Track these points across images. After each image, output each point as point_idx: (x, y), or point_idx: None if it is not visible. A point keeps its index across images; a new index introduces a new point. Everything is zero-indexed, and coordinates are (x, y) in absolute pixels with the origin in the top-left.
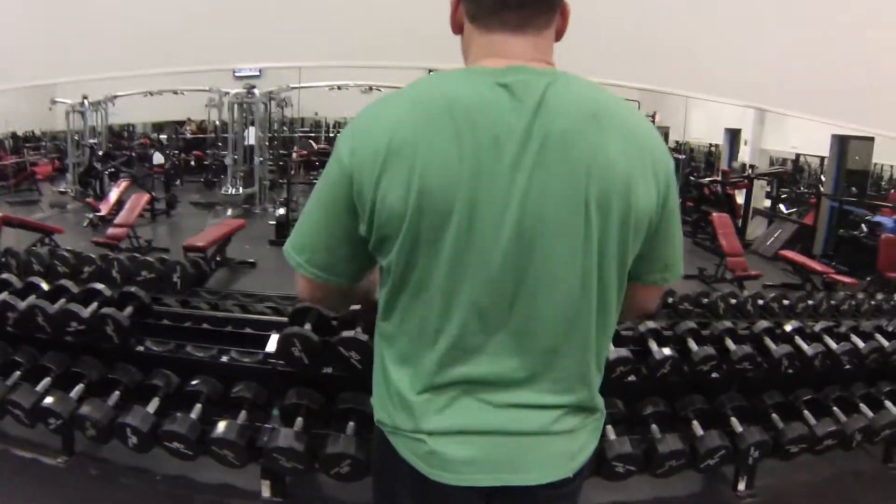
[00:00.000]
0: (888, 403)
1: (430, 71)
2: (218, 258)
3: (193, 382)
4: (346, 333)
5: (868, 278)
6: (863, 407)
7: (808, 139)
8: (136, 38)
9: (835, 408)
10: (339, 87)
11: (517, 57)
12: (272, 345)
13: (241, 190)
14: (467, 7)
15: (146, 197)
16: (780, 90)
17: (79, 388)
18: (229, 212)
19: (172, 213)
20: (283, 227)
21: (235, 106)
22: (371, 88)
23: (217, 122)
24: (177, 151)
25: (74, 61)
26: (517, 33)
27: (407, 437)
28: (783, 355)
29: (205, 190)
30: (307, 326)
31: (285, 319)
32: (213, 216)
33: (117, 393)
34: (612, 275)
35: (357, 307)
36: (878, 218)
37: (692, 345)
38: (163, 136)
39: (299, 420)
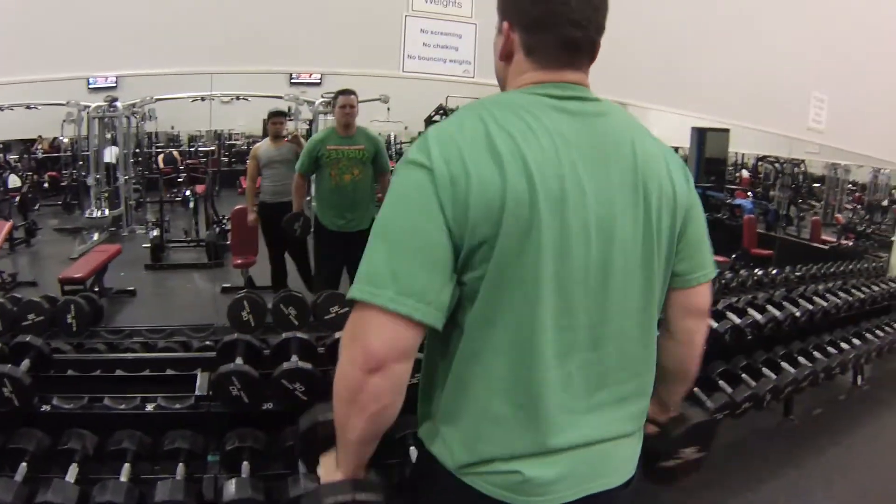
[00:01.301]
0: (785, 365)
1: (291, 76)
2: (96, 289)
3: (117, 439)
4: (288, 365)
5: (734, 255)
6: (766, 371)
7: (668, 131)
8: None
9: (744, 375)
10: (202, 99)
11: (569, 82)
12: (202, 386)
13: (106, 212)
14: (526, 41)
15: (7, 225)
16: (639, 84)
17: None
18: (95, 236)
19: (33, 242)
20: (159, 250)
21: (96, 121)
22: (238, 98)
23: (67, 140)
24: (29, 173)
25: None
26: (575, 69)
27: (495, 473)
28: None
29: (64, 213)
30: (239, 361)
31: (210, 355)
32: (79, 242)
33: (24, 464)
34: (668, 260)
35: None
36: (738, 201)
37: None
38: (11, 157)
39: (245, 465)
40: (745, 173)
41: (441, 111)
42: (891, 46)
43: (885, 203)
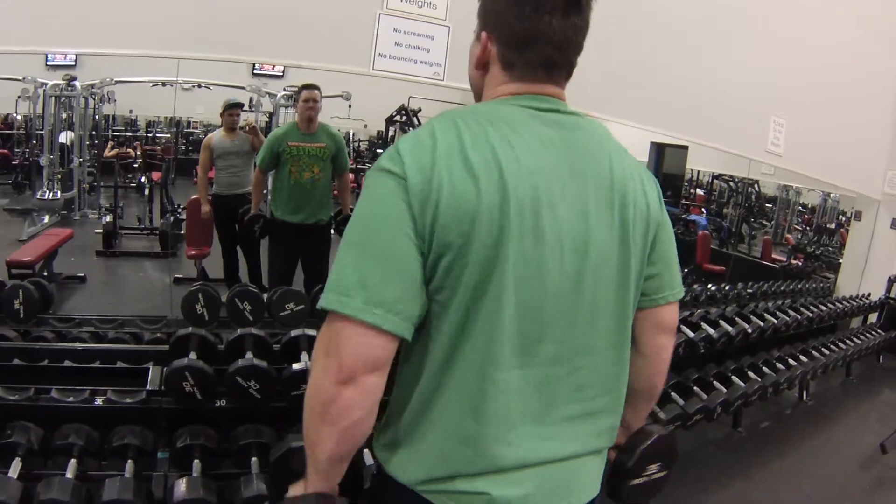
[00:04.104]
0: (735, 379)
1: (253, 67)
2: (45, 273)
3: (63, 434)
4: (243, 362)
5: (686, 270)
6: (717, 384)
7: (628, 145)
8: None
9: (695, 388)
10: (163, 84)
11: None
12: (154, 380)
13: (59, 194)
14: (503, 54)
15: None
16: (602, 97)
17: None
18: (46, 219)
19: None
20: (111, 237)
21: (53, 99)
22: (199, 86)
23: (20, 117)
24: None
25: None
26: (550, 84)
27: (459, 493)
28: None
29: (14, 193)
30: (192, 356)
31: (163, 348)
32: (28, 224)
33: None
34: (636, 284)
35: None
36: (692, 217)
37: None
38: None
39: (196, 463)
40: (699, 191)
41: (403, 111)
42: (846, 77)
43: (832, 226)
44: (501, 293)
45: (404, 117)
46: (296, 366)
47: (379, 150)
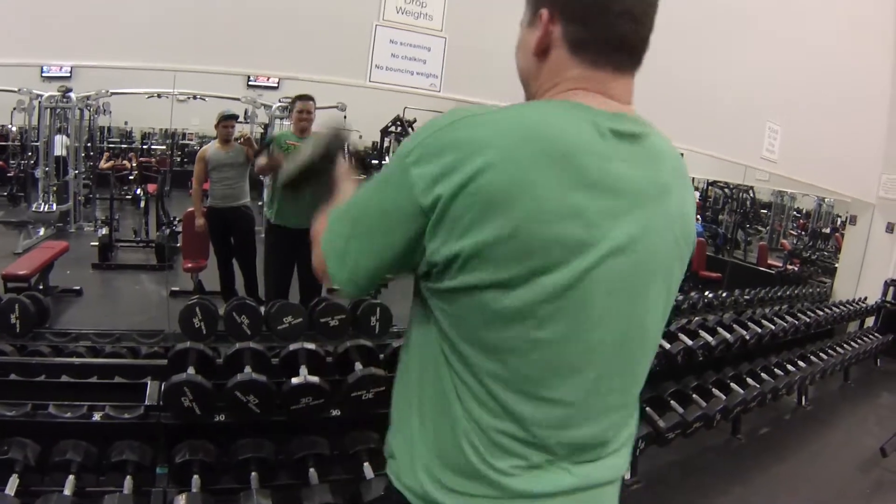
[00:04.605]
0: (733, 385)
1: (248, 78)
2: (41, 287)
3: (61, 450)
4: (242, 376)
5: (682, 277)
6: (716, 391)
7: None
8: None
9: (694, 395)
10: (158, 96)
11: (620, 99)
12: (152, 395)
13: (54, 206)
14: (573, 34)
15: None
16: None
17: None
18: (42, 231)
19: None
20: (107, 249)
21: (48, 111)
22: (195, 97)
23: (16, 128)
24: None
25: None
26: (622, 74)
27: None
28: None
29: (9, 205)
30: (191, 371)
31: (161, 363)
32: (24, 237)
33: None
34: (666, 318)
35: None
36: None
37: None
38: None
39: (195, 478)
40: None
41: (398, 122)
42: (839, 81)
43: (827, 231)
44: (559, 330)
45: (399, 128)
46: (295, 380)
47: (374, 161)
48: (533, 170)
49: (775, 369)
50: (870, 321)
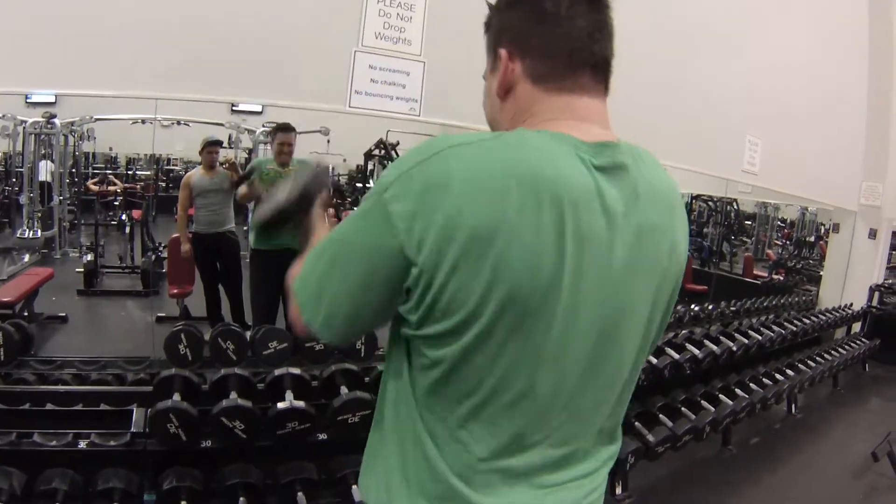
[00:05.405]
0: (722, 397)
1: (232, 104)
2: (25, 313)
3: (47, 478)
4: (227, 402)
5: None
6: (704, 404)
7: None
8: None
9: (683, 408)
10: (143, 121)
11: (597, 122)
12: (138, 422)
13: (39, 233)
14: (531, 67)
15: None
16: None
17: None
18: (27, 258)
19: None
20: (92, 276)
21: (32, 136)
22: (178, 123)
23: (0, 154)
24: None
25: None
26: (591, 97)
27: None
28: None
29: None
30: (176, 397)
31: (147, 389)
32: (8, 263)
33: None
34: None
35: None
36: None
37: None
38: None
39: None
40: None
41: (381, 145)
42: (816, 91)
43: (811, 239)
44: (529, 367)
45: (382, 151)
46: (280, 405)
47: (358, 185)
48: (513, 208)
49: (764, 379)
50: (856, 327)
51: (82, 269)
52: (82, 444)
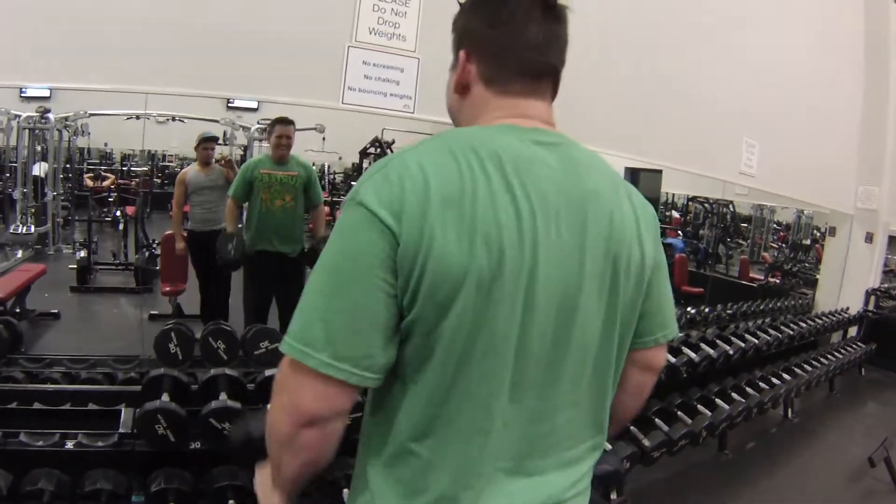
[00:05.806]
0: (718, 401)
1: (228, 100)
2: (17, 310)
3: (33, 479)
4: (216, 403)
5: None
6: (701, 408)
7: None
8: None
9: (679, 413)
10: (137, 117)
11: (538, 118)
12: (126, 422)
13: (32, 228)
14: (485, 70)
15: None
16: (582, 128)
17: None
18: (19, 254)
19: None
20: (86, 272)
21: (26, 131)
22: (174, 119)
23: None
24: None
25: None
26: (536, 98)
27: None
28: None
29: None
30: (165, 398)
31: (135, 389)
32: (1, 259)
33: None
34: (628, 327)
35: None
36: (669, 240)
37: None
38: None
39: None
40: (675, 213)
41: (377, 143)
42: (813, 94)
43: (807, 242)
44: (489, 354)
45: (378, 149)
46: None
47: (353, 183)
48: (464, 168)
49: (760, 383)
50: (853, 331)
51: (75, 266)
52: (69, 445)
